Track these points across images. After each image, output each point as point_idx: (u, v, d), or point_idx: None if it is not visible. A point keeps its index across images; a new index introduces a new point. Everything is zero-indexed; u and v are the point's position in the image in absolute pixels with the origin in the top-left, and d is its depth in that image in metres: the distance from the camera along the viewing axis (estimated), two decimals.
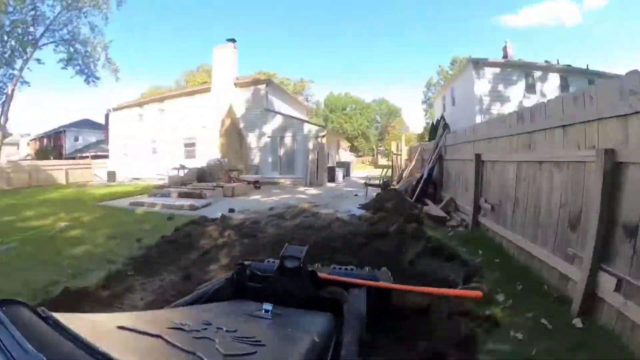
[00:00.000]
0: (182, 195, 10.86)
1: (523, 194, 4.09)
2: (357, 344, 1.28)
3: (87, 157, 28.30)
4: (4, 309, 0.70)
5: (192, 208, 9.12)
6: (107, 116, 34.62)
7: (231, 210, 8.32)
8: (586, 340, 2.35)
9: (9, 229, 7.07)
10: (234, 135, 17.55)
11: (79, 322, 0.83)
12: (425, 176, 8.71)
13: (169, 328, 0.95)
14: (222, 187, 11.63)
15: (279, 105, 19.55)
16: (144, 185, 16.80)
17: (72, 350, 0.68)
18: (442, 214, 6.26)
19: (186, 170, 14.55)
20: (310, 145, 16.11)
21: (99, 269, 4.33)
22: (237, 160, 17.26)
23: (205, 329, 0.97)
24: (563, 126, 3.28)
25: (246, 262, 2.37)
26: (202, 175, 14.03)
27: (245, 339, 0.94)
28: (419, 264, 3.60)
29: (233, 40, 18.36)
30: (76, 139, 34.96)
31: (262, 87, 17.69)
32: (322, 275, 2.30)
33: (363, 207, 8.23)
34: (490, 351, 2.34)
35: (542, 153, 3.66)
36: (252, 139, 17.82)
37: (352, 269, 2.58)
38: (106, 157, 25.39)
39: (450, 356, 2.24)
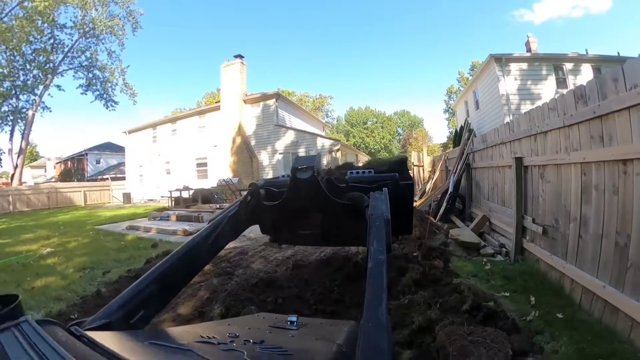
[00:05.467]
0: (180, 218, 10.01)
1: (595, 211, 2.70)
2: (384, 252, 1.26)
3: (107, 179, 28.86)
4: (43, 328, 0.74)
5: (185, 233, 8.18)
6: None
7: None
8: None
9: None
10: (244, 153, 16.71)
11: (111, 340, 0.87)
12: (450, 189, 7.28)
13: (198, 342, 0.96)
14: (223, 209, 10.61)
15: (290, 120, 18.67)
16: (156, 206, 16.69)
17: None
18: (475, 239, 4.81)
19: (191, 191, 13.69)
20: (325, 160, 14.96)
21: (43, 308, 3.77)
22: (249, 179, 16.37)
23: (233, 341, 0.97)
24: None
25: (258, 182, 2.42)
26: (207, 196, 13.15)
27: (272, 350, 0.93)
28: (441, 331, 2.25)
29: (241, 56, 17.76)
30: (98, 162, 36.07)
31: (272, 102, 16.86)
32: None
33: None
34: None
35: (628, 146, 2.30)
36: (263, 156, 16.92)
37: (369, 172, 2.43)
38: (124, 178, 25.61)
39: None
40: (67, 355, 0.64)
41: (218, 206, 11.24)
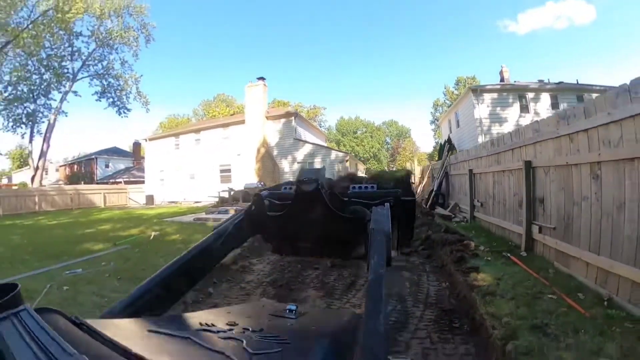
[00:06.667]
0: (240, 211, 13.10)
1: (497, 192, 6.48)
2: (384, 266, 1.32)
3: (119, 182, 30.85)
4: (42, 316, 0.74)
5: None
6: (135, 144, 38.43)
7: None
8: (528, 260, 4.62)
9: (106, 237, 7.75)
10: (267, 162, 20.25)
11: (110, 327, 0.89)
12: (435, 189, 11.12)
13: (197, 330, 1.01)
14: None
15: (304, 133, 22.39)
16: (186, 207, 18.83)
17: (108, 353, 0.74)
18: (448, 213, 8.67)
19: (232, 192, 17.14)
20: (336, 168, 18.69)
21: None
22: (272, 183, 19.86)
23: (232, 329, 1.01)
24: (512, 149, 5.71)
25: (263, 192, 2.54)
26: (246, 196, 16.54)
27: (271, 338, 0.97)
28: (434, 237, 6.02)
29: (263, 79, 21.24)
30: (107, 166, 37.26)
31: (292, 119, 20.59)
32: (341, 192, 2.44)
33: None
34: (471, 264, 4.64)
35: (504, 165, 6.08)
36: (284, 164, 20.53)
37: (372, 187, 2.56)
38: (137, 182, 28.17)
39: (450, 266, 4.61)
40: (65, 344, 0.65)
41: None
